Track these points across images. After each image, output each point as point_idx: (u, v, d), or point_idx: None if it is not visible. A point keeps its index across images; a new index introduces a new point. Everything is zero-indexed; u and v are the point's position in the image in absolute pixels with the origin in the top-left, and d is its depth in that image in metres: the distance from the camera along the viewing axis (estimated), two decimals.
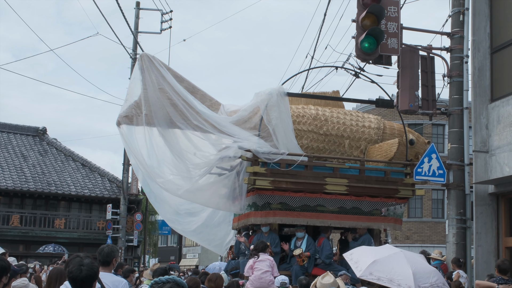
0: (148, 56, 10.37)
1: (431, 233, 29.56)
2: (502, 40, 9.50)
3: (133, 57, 27.41)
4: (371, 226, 10.48)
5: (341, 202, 10.31)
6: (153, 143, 10.49)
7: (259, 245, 9.69)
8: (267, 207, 10.14)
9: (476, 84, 9.70)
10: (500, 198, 9.53)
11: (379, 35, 9.66)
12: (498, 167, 9.09)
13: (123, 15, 20.99)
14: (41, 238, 28.28)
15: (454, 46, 10.47)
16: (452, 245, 10.09)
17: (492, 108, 9.44)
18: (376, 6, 9.59)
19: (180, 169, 10.46)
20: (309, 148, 10.70)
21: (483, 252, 9.39)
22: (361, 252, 8.10)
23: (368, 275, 7.42)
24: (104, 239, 27.18)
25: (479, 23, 9.78)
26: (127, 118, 10.35)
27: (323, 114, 10.86)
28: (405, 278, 7.23)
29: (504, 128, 9.08)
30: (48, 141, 34.04)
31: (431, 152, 9.75)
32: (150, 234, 40.31)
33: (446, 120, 11.18)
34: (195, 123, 10.12)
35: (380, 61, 10.41)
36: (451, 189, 10.25)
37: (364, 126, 10.93)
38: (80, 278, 3.79)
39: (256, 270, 9.41)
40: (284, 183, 10.03)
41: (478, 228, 9.48)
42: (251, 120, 10.35)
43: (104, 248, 5.62)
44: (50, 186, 29.80)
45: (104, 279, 4.99)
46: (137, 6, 27.80)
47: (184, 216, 12.36)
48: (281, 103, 10.23)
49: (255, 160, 9.93)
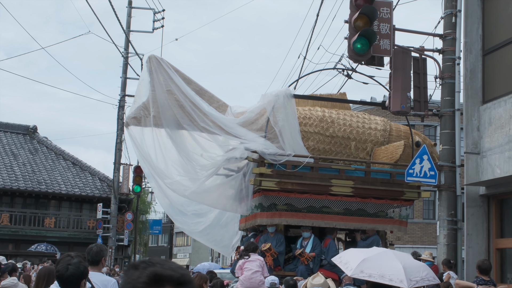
0: (156, 58, 10.49)
1: (422, 234, 29.62)
2: (494, 42, 9.52)
3: (125, 56, 27.31)
4: (376, 227, 10.59)
5: (346, 204, 10.40)
6: (161, 144, 10.61)
7: (249, 246, 9.70)
8: (273, 208, 10.24)
9: (468, 86, 9.72)
10: (491, 200, 9.55)
11: (372, 36, 9.65)
12: (489, 169, 9.10)
13: (115, 14, 20.92)
14: (31, 237, 28.12)
15: (446, 48, 10.48)
16: (443, 246, 10.10)
17: (484, 110, 9.46)
18: (368, 7, 9.58)
19: (187, 170, 10.59)
20: (315, 149, 10.80)
21: (474, 254, 9.41)
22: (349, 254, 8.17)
23: (359, 273, 7.46)
24: (95, 238, 27.05)
25: (471, 25, 9.80)
26: (135, 119, 10.50)
27: (330, 116, 10.95)
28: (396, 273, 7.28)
29: (495, 130, 9.10)
30: (38, 139, 33.87)
31: (423, 154, 9.75)
32: (141, 234, 40.17)
33: (438, 121, 11.20)
34: (202, 125, 10.22)
35: (373, 62, 10.39)
36: (442, 191, 10.26)
37: (371, 128, 11.01)
38: (66, 277, 3.78)
39: (246, 270, 9.40)
40: (290, 184, 10.13)
41: (469, 229, 9.50)
42: (257, 121, 10.48)
43: (93, 247, 5.58)
44: (40, 185, 29.64)
45: (93, 279, 4.95)
46: (129, 4, 27.70)
47: (191, 217, 12.44)
48: (287, 104, 10.34)
49: (261, 161, 10.03)
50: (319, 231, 10.76)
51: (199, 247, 62.98)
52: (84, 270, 3.92)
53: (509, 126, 8.78)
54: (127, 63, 27.60)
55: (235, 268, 9.79)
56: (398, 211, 10.87)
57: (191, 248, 64.00)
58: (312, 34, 14.19)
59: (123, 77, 27.88)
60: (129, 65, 27.66)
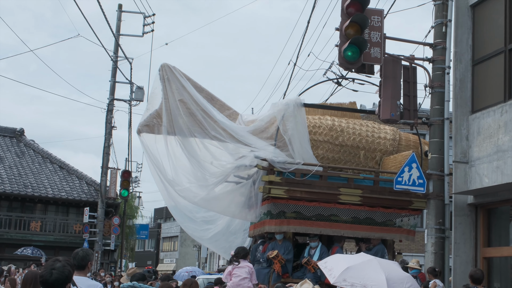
0: (169, 66, 10.67)
1: (409, 242, 29.56)
2: (484, 53, 9.58)
3: (114, 59, 27.21)
4: (384, 236, 10.65)
5: (354, 212, 10.48)
6: (172, 151, 10.79)
7: (240, 252, 9.69)
8: (281, 215, 10.31)
9: (457, 95, 9.76)
10: (479, 209, 9.59)
11: (362, 44, 9.67)
12: (478, 178, 9.14)
13: (104, 17, 20.84)
14: (16, 241, 27.85)
15: (436, 57, 10.52)
16: (431, 254, 10.11)
17: (473, 119, 9.51)
18: (359, 15, 9.60)
19: (198, 177, 10.74)
20: (325, 158, 10.89)
21: (461, 262, 9.43)
22: (335, 260, 8.18)
23: (341, 282, 7.47)
24: (81, 242, 26.86)
25: (461, 35, 9.86)
26: (147, 127, 10.73)
27: (339, 125, 11.06)
28: (378, 284, 7.29)
29: (484, 139, 9.14)
30: (25, 142, 33.60)
31: (412, 162, 9.78)
32: (128, 238, 39.97)
33: (427, 130, 11.23)
34: (213, 133, 10.42)
35: (363, 70, 10.41)
36: (430, 199, 10.28)
37: (380, 137, 11.09)
38: (50, 282, 3.73)
39: (235, 277, 9.37)
40: (298, 192, 10.21)
41: (457, 238, 9.52)
42: (267, 130, 10.61)
43: (79, 252, 5.52)
44: (26, 188, 29.39)
45: (79, 283, 4.90)
46: (119, 8, 27.63)
47: (200, 224, 12.56)
48: (297, 113, 10.49)
49: (271, 169, 10.12)
50: (327, 239, 10.83)
51: (186, 252, 62.76)
52: (68, 274, 3.87)
53: (498, 136, 8.82)
54: (116, 67, 27.50)
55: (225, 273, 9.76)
56: (406, 220, 10.99)
57: (178, 253, 63.73)
58: (302, 41, 14.22)
59: (112, 81, 27.77)
60: (118, 69, 27.58)
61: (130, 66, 27.78)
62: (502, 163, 8.62)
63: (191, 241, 62.24)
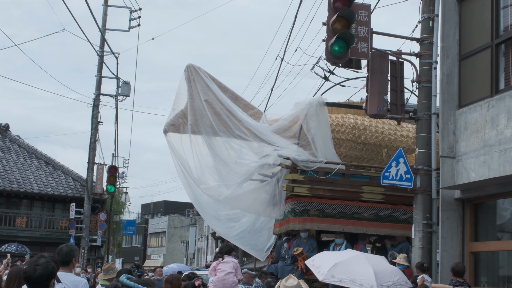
0: (194, 67, 10.86)
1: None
2: (471, 48, 9.58)
3: (100, 54, 27.02)
4: (406, 234, 10.68)
5: (377, 210, 10.62)
6: (197, 150, 11.05)
7: (224, 248, 9.78)
8: (305, 213, 10.43)
9: (444, 90, 9.76)
10: (466, 204, 9.61)
11: (349, 39, 9.63)
12: (465, 173, 9.16)
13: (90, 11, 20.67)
14: (1, 237, 27.62)
15: (423, 52, 10.51)
16: (418, 249, 10.12)
17: (460, 114, 9.52)
18: (346, 10, 9.57)
19: (222, 176, 11.00)
20: (347, 156, 10.99)
21: (449, 257, 9.45)
22: (322, 257, 8.21)
23: (330, 278, 7.48)
24: (67, 238, 26.69)
25: (448, 30, 9.85)
26: (173, 127, 11.01)
27: (362, 123, 11.17)
28: (367, 278, 7.33)
29: (471, 134, 9.16)
30: (10, 137, 33.30)
31: (399, 157, 9.78)
32: (114, 234, 39.80)
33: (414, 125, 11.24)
34: (237, 132, 10.66)
35: (350, 65, 10.39)
36: (418, 194, 10.28)
37: (402, 135, 11.16)
38: (34, 278, 3.69)
39: (219, 272, 9.38)
40: (321, 191, 10.37)
41: (444, 233, 9.54)
42: (291, 129, 10.81)
43: (63, 247, 5.46)
44: (12, 184, 29.15)
45: (64, 279, 4.85)
46: (105, 3, 27.43)
47: (225, 222, 12.78)
48: (320, 112, 10.68)
49: (294, 167, 10.27)
50: (351, 237, 10.90)
51: (173, 248, 62.68)
52: (52, 270, 3.83)
53: (485, 130, 8.84)
54: (102, 62, 27.30)
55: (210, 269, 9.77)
56: None
57: (165, 249, 63.62)
58: (290, 35, 14.21)
59: (98, 76, 27.58)
60: (105, 64, 27.39)
61: (117, 61, 27.64)
62: (489, 157, 8.64)
63: (179, 236, 62.19)
